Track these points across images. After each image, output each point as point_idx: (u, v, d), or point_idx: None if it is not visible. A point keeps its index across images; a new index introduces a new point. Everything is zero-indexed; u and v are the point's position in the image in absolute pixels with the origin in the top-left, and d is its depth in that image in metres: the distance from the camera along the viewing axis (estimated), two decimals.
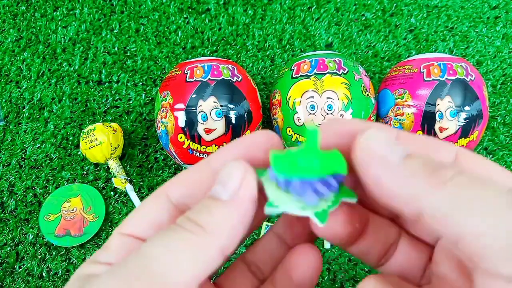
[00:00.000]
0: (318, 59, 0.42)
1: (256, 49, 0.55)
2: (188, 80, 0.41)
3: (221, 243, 0.13)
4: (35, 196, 0.48)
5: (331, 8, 0.57)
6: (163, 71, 0.54)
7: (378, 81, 0.53)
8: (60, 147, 0.50)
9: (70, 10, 0.57)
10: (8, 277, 0.44)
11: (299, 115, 0.41)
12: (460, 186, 0.12)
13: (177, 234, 0.13)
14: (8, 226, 0.46)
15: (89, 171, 0.49)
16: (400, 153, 0.13)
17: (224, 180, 0.14)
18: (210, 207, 0.14)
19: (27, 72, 0.53)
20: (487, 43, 0.56)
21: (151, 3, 0.57)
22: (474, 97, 0.40)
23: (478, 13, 0.57)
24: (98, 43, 0.55)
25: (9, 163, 0.49)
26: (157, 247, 0.13)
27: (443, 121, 0.40)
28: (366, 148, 0.13)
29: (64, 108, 0.52)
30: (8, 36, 0.55)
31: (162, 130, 0.42)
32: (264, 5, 0.57)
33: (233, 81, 0.42)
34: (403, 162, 0.13)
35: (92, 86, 0.53)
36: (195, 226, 0.13)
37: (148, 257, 0.12)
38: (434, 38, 0.56)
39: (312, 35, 0.56)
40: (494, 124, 0.51)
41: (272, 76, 0.54)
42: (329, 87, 0.40)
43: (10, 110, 0.52)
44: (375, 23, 0.56)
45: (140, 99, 0.52)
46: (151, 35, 0.55)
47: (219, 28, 0.56)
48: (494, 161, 0.50)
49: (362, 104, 0.41)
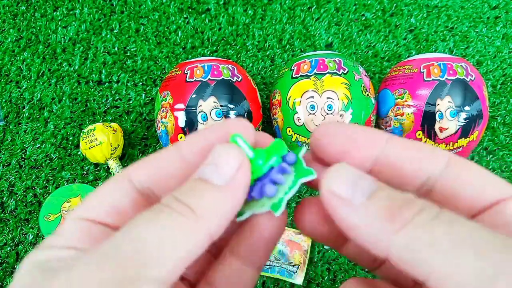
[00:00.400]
0: (318, 59, 0.42)
1: (256, 49, 0.55)
2: (188, 80, 0.41)
3: (211, 228, 0.13)
4: (35, 196, 0.48)
5: (331, 8, 0.57)
6: (163, 71, 0.54)
7: (378, 81, 0.53)
8: (60, 147, 0.50)
9: (70, 10, 0.57)
10: (8, 277, 0.44)
11: (299, 115, 0.41)
12: (419, 228, 0.11)
13: (167, 215, 0.12)
14: (8, 226, 0.46)
15: (89, 171, 0.49)
16: (364, 191, 0.13)
17: (218, 163, 0.13)
18: (201, 190, 0.13)
19: (27, 72, 0.53)
20: (487, 43, 0.56)
21: (151, 3, 0.57)
22: (474, 97, 0.40)
23: (478, 13, 0.57)
24: (98, 43, 0.55)
25: (9, 163, 0.49)
26: (146, 228, 0.12)
27: (443, 121, 0.40)
28: (329, 190, 0.13)
29: (64, 108, 0.52)
30: (8, 36, 0.55)
31: (162, 130, 0.42)
32: (264, 5, 0.57)
33: (233, 81, 0.42)
34: (366, 203, 0.12)
35: (92, 86, 0.53)
36: (185, 208, 0.12)
37: (136, 239, 0.11)
38: (434, 38, 0.56)
39: (312, 35, 0.56)
40: (494, 124, 0.51)
41: (272, 76, 0.54)
42: (329, 87, 0.40)
43: (10, 110, 0.52)
44: (375, 23, 0.56)
45: (140, 99, 0.52)
46: (151, 35, 0.55)
47: (219, 28, 0.56)
48: (494, 161, 0.50)
49: (362, 104, 0.41)
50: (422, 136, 0.41)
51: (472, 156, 0.50)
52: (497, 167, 0.49)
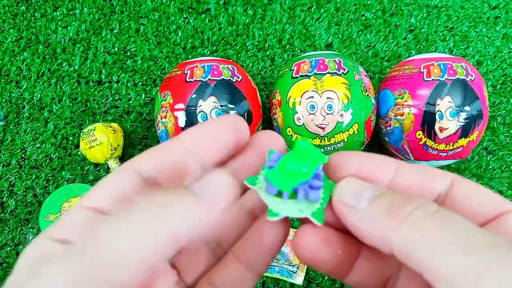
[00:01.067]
0: (318, 59, 0.42)
1: (256, 49, 0.55)
2: (188, 80, 0.41)
3: (176, 230, 0.13)
4: (35, 196, 0.48)
5: (331, 8, 0.57)
6: (163, 71, 0.54)
7: (378, 81, 0.53)
8: (60, 147, 0.50)
9: (70, 10, 0.57)
10: (8, 277, 0.44)
11: (299, 115, 0.41)
12: (416, 223, 0.13)
13: (129, 217, 0.12)
14: (8, 226, 0.46)
15: (89, 171, 0.49)
16: (368, 197, 0.14)
17: (208, 180, 0.14)
18: (179, 193, 0.13)
19: (27, 72, 0.53)
20: (487, 43, 0.56)
21: (151, 3, 0.57)
22: (474, 97, 0.40)
23: (478, 13, 0.57)
24: (98, 43, 0.55)
25: (9, 163, 0.49)
26: (108, 228, 0.12)
27: (443, 121, 0.40)
28: (338, 200, 0.15)
29: (64, 108, 0.52)
30: (8, 36, 0.55)
31: (162, 130, 0.42)
32: (264, 5, 0.57)
33: (233, 81, 0.42)
34: (369, 206, 0.14)
35: (92, 86, 0.53)
36: (154, 206, 0.13)
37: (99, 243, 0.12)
38: (434, 38, 0.56)
39: (312, 35, 0.56)
40: (494, 124, 0.51)
41: (272, 76, 0.54)
42: (329, 87, 0.40)
43: (10, 110, 0.52)
44: (375, 23, 0.56)
45: (140, 99, 0.52)
46: (151, 35, 0.55)
47: (219, 28, 0.56)
48: (494, 161, 0.50)
49: (362, 104, 0.41)
50: (422, 136, 0.41)
51: (472, 156, 0.50)
52: (497, 167, 0.49)
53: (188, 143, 0.15)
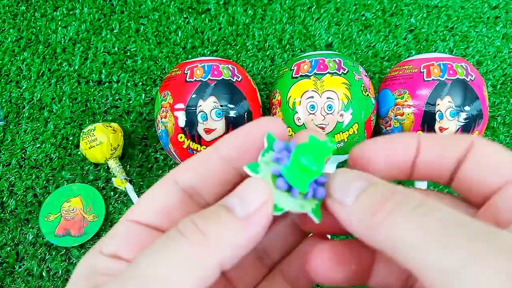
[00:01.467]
0: (318, 59, 0.42)
1: (256, 49, 0.55)
2: (188, 80, 0.41)
3: (222, 257, 0.13)
4: (35, 196, 0.48)
5: (331, 8, 0.57)
6: (163, 71, 0.54)
7: (378, 81, 0.53)
8: (60, 147, 0.50)
9: (70, 10, 0.57)
10: (8, 277, 0.44)
11: (299, 115, 0.41)
12: (396, 220, 0.12)
13: (177, 244, 0.12)
14: (8, 226, 0.46)
15: (89, 171, 0.49)
16: (356, 191, 0.14)
17: (244, 195, 0.14)
18: (221, 217, 0.13)
19: (27, 72, 0.53)
20: (487, 43, 0.56)
21: (151, 3, 0.57)
22: (474, 97, 0.40)
23: (478, 13, 0.57)
24: (98, 43, 0.55)
25: (9, 163, 0.49)
26: (154, 262, 0.12)
27: (443, 121, 0.40)
28: (329, 198, 0.15)
29: (64, 108, 0.52)
30: (8, 36, 0.55)
31: (162, 130, 0.42)
32: (264, 5, 0.57)
33: (233, 81, 0.42)
34: (355, 202, 0.14)
35: (92, 86, 0.53)
36: (197, 235, 0.13)
37: (141, 276, 0.12)
38: (434, 38, 0.56)
39: (312, 35, 0.56)
40: (494, 124, 0.51)
41: (272, 76, 0.54)
42: (329, 87, 0.40)
43: (10, 110, 0.52)
44: (375, 23, 0.56)
45: (140, 99, 0.52)
46: (151, 35, 0.55)
47: (219, 28, 0.56)
48: None
49: (362, 104, 0.41)
50: None
51: None
52: None
53: (225, 151, 0.15)
